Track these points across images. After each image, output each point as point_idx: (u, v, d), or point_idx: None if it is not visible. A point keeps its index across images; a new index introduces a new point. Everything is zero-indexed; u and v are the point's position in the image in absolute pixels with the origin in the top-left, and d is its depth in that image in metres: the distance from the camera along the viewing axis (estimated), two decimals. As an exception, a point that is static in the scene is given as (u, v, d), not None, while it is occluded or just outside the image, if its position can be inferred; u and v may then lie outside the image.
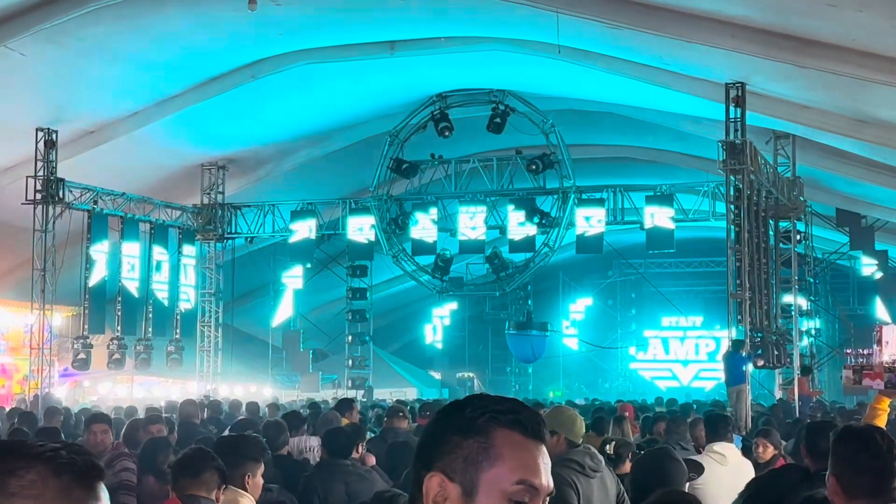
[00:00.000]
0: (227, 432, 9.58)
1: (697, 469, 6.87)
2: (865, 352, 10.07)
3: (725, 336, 19.67)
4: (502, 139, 25.64)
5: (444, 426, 1.98)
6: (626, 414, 14.28)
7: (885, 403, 6.72)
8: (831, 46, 16.20)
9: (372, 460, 8.55)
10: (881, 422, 6.52)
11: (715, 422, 8.45)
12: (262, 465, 5.65)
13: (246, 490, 5.36)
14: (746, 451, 9.10)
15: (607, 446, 7.90)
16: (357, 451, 8.04)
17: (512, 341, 34.49)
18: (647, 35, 17.27)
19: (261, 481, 5.59)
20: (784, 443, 9.69)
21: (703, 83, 19.96)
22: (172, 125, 23.54)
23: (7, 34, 18.16)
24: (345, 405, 11.75)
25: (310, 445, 9.76)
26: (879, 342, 9.61)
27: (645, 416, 15.01)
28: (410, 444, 8.43)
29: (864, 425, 4.80)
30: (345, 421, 10.70)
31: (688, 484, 6.22)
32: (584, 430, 6.61)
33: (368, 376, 30.32)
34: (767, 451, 8.83)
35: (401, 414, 11.23)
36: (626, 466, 7.49)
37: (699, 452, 8.51)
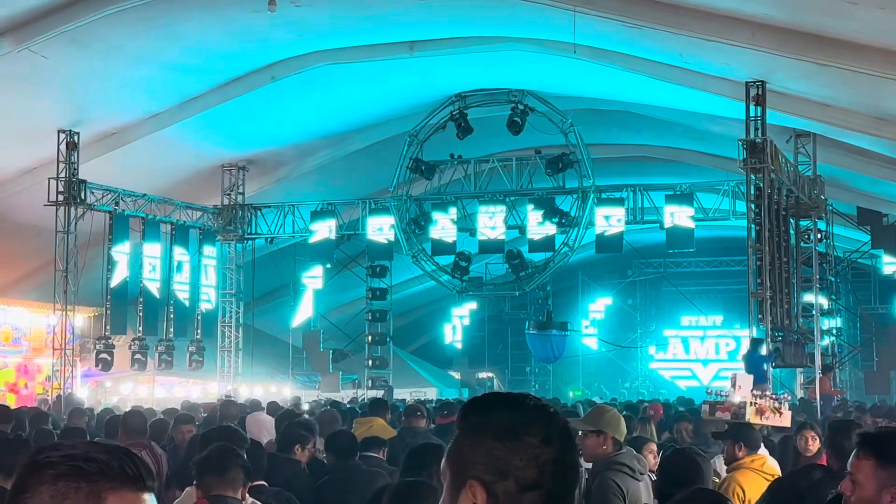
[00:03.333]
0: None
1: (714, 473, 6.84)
2: (724, 392, 10.55)
3: (746, 335, 19.60)
4: (521, 139, 25.63)
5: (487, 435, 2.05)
6: (653, 413, 14.32)
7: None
8: (852, 44, 16.12)
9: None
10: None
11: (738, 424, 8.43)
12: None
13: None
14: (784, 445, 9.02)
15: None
16: (301, 451, 7.86)
17: (532, 341, 34.45)
18: (666, 33, 17.22)
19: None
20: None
21: (723, 81, 19.89)
22: (193, 126, 23.64)
23: (29, 36, 18.29)
24: (380, 406, 11.72)
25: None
26: (734, 385, 10.19)
27: (668, 414, 15.03)
28: (433, 443, 8.42)
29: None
30: (380, 421, 10.64)
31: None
32: (625, 429, 6.55)
33: (388, 376, 30.36)
34: (814, 444, 8.25)
35: (419, 413, 11.25)
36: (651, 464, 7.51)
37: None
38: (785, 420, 10.32)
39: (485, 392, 2.38)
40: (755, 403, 10.02)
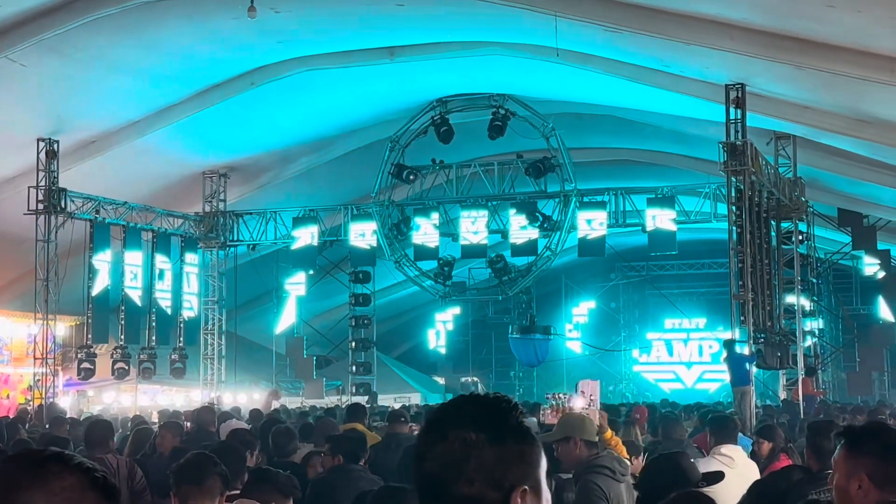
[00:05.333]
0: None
1: (717, 477, 6.80)
2: (565, 396, 10.68)
3: (729, 338, 19.65)
4: (503, 143, 25.63)
5: (502, 440, 2.07)
6: (639, 417, 14.40)
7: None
8: (830, 47, 16.20)
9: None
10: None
11: (721, 424, 8.42)
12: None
13: None
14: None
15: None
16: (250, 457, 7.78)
17: (515, 345, 34.42)
18: (647, 37, 17.26)
19: None
20: (788, 440, 9.72)
21: (702, 85, 19.96)
22: (173, 134, 23.57)
23: (7, 44, 18.19)
24: (358, 411, 11.72)
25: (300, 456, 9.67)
26: (576, 391, 10.35)
27: (651, 418, 15.09)
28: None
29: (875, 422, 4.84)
30: (360, 427, 10.68)
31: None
32: (595, 429, 6.55)
33: (372, 382, 30.31)
34: (763, 448, 8.98)
35: (402, 419, 11.24)
36: (634, 467, 7.51)
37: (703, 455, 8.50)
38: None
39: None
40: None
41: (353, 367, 29.91)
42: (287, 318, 29.65)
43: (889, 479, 3.58)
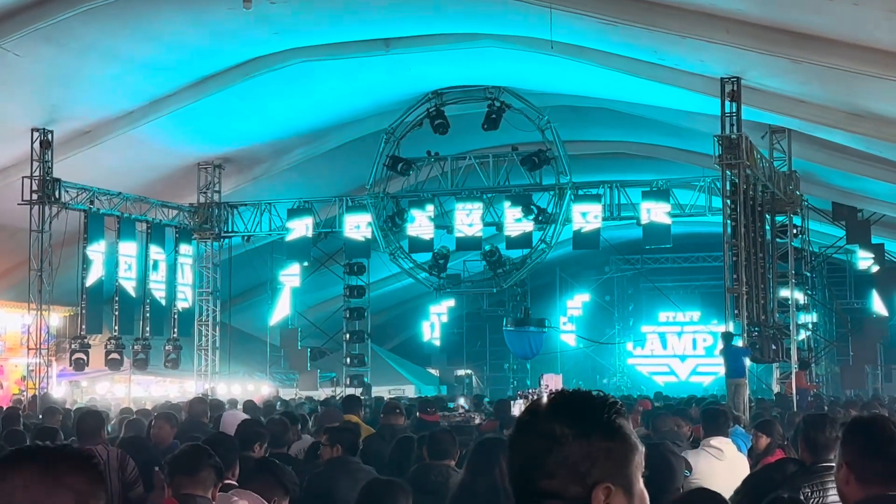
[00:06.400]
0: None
1: (687, 466, 6.88)
2: (533, 392, 10.83)
3: (723, 331, 19.69)
4: (498, 136, 25.63)
5: (587, 436, 2.05)
6: (641, 410, 14.48)
7: None
8: (826, 40, 16.19)
9: None
10: None
11: (713, 416, 8.45)
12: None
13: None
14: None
15: None
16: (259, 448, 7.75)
17: (510, 338, 34.47)
18: (642, 30, 17.25)
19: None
20: (785, 437, 9.73)
21: (698, 78, 19.95)
22: (168, 124, 23.51)
23: (1, 34, 18.12)
24: (354, 403, 11.73)
25: (303, 447, 9.67)
26: (540, 385, 10.48)
27: (645, 411, 15.12)
28: (414, 440, 8.41)
29: (875, 414, 4.86)
30: (354, 419, 10.69)
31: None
32: None
33: (366, 374, 30.32)
34: (761, 442, 9.01)
35: (397, 410, 11.24)
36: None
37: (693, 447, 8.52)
38: None
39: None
40: None
41: (348, 359, 29.92)
42: (281, 309, 29.64)
43: (867, 473, 3.61)
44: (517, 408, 10.68)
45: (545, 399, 2.16)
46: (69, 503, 1.95)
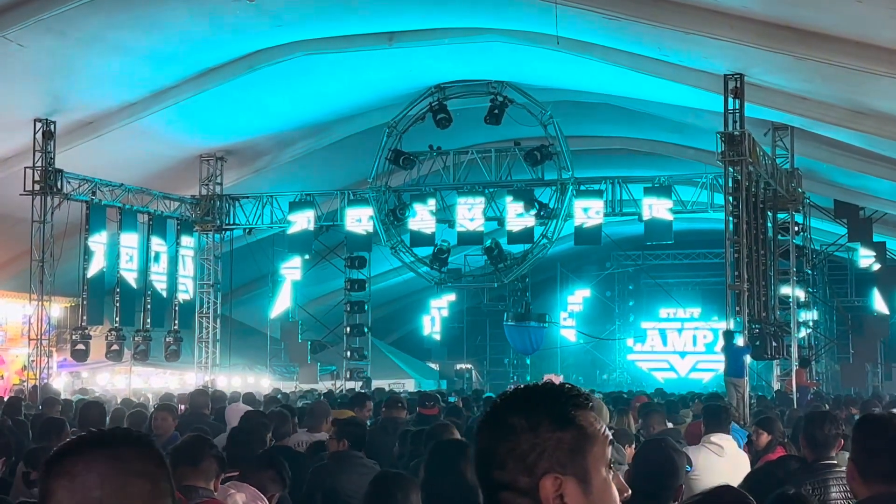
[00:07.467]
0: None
1: (687, 462, 6.88)
2: None
3: (723, 327, 19.68)
4: (501, 130, 25.61)
5: (536, 427, 2.04)
6: (638, 405, 14.45)
7: None
8: (830, 37, 16.18)
9: None
10: None
11: (714, 413, 8.44)
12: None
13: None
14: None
15: None
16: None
17: (510, 333, 34.51)
18: (646, 26, 17.24)
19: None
20: (785, 434, 9.74)
21: (701, 74, 19.93)
22: (170, 116, 23.50)
23: (5, 24, 18.12)
24: (359, 400, 11.73)
25: (300, 440, 9.67)
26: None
27: (642, 406, 15.11)
28: (413, 433, 8.42)
29: (885, 412, 4.87)
30: (350, 413, 10.70)
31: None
32: (609, 417, 6.57)
33: (366, 367, 30.34)
34: (762, 439, 9.03)
35: (399, 404, 11.25)
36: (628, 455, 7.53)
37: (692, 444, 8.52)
38: None
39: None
40: None
41: (348, 353, 29.94)
42: (282, 302, 29.65)
43: (872, 471, 3.61)
44: None
45: (506, 392, 2.17)
46: (146, 489, 1.91)
